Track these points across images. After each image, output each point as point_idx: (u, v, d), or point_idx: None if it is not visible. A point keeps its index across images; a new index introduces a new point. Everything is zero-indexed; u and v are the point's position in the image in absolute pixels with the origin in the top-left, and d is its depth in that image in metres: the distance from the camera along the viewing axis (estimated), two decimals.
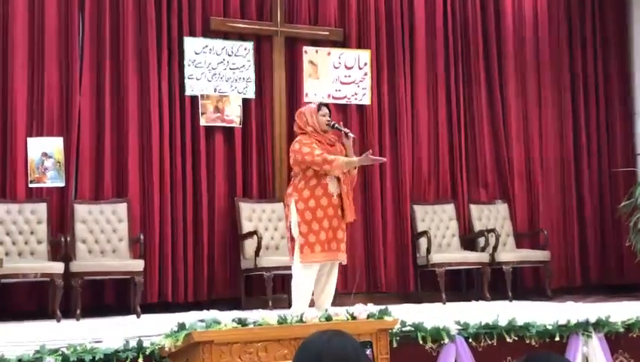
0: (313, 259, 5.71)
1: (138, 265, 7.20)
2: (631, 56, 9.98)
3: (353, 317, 4.60)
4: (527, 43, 9.55)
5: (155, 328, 4.94)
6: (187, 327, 4.18)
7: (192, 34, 8.07)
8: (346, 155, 5.88)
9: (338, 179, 5.78)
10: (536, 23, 9.63)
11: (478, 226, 8.94)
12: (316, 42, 8.60)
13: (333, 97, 8.57)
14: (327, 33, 8.61)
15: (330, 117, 5.95)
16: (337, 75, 8.63)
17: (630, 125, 9.91)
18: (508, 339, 5.36)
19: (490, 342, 5.32)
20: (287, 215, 5.95)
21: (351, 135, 5.88)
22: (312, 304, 5.87)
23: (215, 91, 8.09)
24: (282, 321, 4.43)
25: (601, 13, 9.94)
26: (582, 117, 9.73)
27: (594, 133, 9.80)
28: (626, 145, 9.84)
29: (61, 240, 7.16)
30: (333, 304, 5.76)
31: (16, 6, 7.45)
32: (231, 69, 8.18)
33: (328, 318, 4.55)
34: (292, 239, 5.81)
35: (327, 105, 6.18)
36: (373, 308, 4.70)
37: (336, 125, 5.90)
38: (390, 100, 8.83)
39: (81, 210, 7.46)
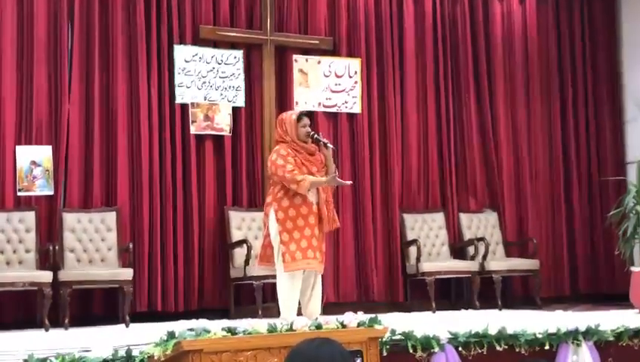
0: (295, 267, 5.76)
1: (127, 274, 7.16)
2: (620, 64, 10.01)
3: (343, 326, 4.58)
4: (516, 52, 9.58)
5: (144, 337, 4.92)
6: (176, 336, 4.16)
7: (182, 42, 8.06)
8: (326, 165, 5.90)
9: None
10: (525, 31, 9.65)
11: (467, 235, 8.94)
12: (306, 51, 8.61)
13: (324, 106, 8.58)
14: (317, 42, 8.61)
15: (311, 126, 5.96)
16: (327, 83, 8.63)
17: (619, 133, 9.94)
18: (498, 348, 5.36)
19: (480, 351, 5.32)
20: (265, 223, 6.00)
21: (330, 146, 5.89)
22: (299, 313, 5.86)
23: (205, 99, 8.08)
24: (272, 330, 4.41)
25: (590, 22, 9.98)
26: (571, 125, 9.76)
27: (583, 141, 9.82)
28: (615, 153, 9.87)
29: (49, 249, 7.15)
30: (323, 313, 5.76)
31: (4, 15, 7.42)
32: (221, 77, 8.18)
33: (318, 327, 4.53)
34: (268, 247, 5.89)
35: (308, 114, 6.18)
36: (363, 317, 4.68)
37: (316, 136, 5.91)
38: (380, 109, 8.84)
39: (69, 218, 7.43)
